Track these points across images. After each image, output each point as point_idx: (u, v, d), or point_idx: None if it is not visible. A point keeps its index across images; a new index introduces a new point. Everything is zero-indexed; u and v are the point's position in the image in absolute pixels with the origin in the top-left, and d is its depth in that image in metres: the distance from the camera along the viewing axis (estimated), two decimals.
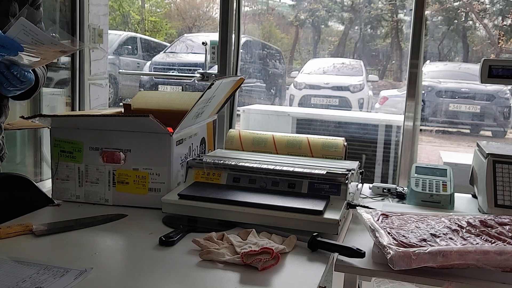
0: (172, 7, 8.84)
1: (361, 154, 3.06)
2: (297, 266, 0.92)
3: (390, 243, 0.91)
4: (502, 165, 1.30)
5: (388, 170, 3.03)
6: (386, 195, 1.46)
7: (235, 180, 1.21)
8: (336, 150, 1.44)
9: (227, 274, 0.87)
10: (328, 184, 1.16)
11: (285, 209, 1.07)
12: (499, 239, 0.95)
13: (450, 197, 1.33)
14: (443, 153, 3.79)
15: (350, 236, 1.09)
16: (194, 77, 2.94)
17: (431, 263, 0.86)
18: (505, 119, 5.71)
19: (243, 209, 1.09)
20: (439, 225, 1.02)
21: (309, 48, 7.08)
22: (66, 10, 3.07)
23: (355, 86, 5.70)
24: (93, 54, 3.20)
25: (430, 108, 5.71)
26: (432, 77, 5.84)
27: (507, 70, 1.40)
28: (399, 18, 6.53)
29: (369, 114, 5.13)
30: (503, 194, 1.26)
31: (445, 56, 6.77)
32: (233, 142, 1.53)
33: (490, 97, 5.60)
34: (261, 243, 0.94)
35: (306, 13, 6.86)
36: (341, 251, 0.95)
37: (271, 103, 5.91)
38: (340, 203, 1.11)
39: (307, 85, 5.76)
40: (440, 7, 6.27)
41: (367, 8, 6.60)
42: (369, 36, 6.86)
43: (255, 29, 6.20)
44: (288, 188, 1.17)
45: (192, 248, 0.96)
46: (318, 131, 3.31)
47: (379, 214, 1.06)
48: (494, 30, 6.41)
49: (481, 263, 0.86)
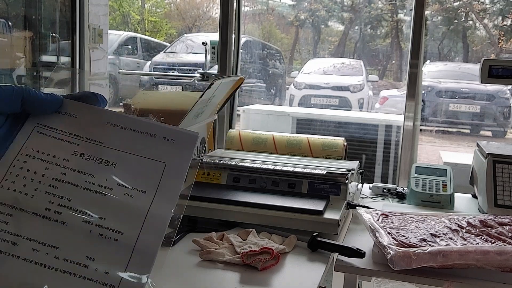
0: (172, 7, 8.83)
1: (361, 154, 3.06)
2: (297, 266, 0.92)
3: (390, 243, 0.91)
4: (502, 165, 1.30)
5: (388, 170, 3.03)
6: (386, 195, 1.46)
7: (235, 180, 1.21)
8: (336, 150, 1.44)
9: (227, 274, 0.87)
10: (328, 184, 1.16)
11: (285, 209, 1.07)
12: (499, 239, 0.95)
13: (450, 197, 1.33)
14: (443, 153, 3.79)
15: (350, 236, 1.09)
16: (194, 77, 2.94)
17: (431, 263, 0.86)
18: (505, 119, 5.71)
19: (243, 209, 1.09)
20: (439, 225, 1.02)
21: (309, 48, 7.08)
22: (66, 10, 3.07)
23: (355, 86, 5.70)
24: (93, 54, 3.20)
25: (430, 108, 5.71)
26: (432, 77, 5.84)
27: (507, 70, 1.40)
28: (399, 18, 6.53)
29: (369, 114, 5.13)
30: (503, 194, 1.26)
31: (445, 56, 6.77)
32: (233, 142, 1.53)
33: (490, 97, 5.60)
34: (261, 243, 0.94)
35: (306, 13, 6.86)
36: (341, 251, 0.95)
37: (271, 103, 5.91)
38: (340, 203, 1.11)
39: (307, 85, 5.76)
40: (440, 7, 6.27)
41: (367, 8, 6.60)
42: (369, 36, 6.86)
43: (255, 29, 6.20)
44: (288, 188, 1.17)
45: (192, 248, 0.96)
46: (318, 131, 3.30)
47: (379, 214, 1.06)
48: (494, 30, 6.41)
49: (481, 263, 0.86)
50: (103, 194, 0.49)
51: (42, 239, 0.46)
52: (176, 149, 0.54)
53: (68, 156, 0.51)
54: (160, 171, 0.52)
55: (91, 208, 0.48)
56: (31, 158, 0.50)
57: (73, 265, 0.45)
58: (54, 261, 0.45)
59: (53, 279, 0.44)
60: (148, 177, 0.51)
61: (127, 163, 0.52)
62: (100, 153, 0.52)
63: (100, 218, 0.48)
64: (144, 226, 0.48)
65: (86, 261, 0.45)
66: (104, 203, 0.49)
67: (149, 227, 0.48)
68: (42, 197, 0.48)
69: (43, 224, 0.46)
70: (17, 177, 0.49)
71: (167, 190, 0.51)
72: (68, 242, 0.46)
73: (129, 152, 0.53)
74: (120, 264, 0.46)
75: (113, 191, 0.49)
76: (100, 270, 0.45)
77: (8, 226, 0.46)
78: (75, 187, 0.49)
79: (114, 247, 0.46)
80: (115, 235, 0.47)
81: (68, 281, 0.44)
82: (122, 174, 0.51)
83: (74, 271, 0.45)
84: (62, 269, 0.45)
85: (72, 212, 0.47)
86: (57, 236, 0.46)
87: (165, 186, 0.51)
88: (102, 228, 0.47)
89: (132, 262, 0.46)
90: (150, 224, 0.48)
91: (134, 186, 0.50)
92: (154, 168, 0.52)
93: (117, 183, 0.50)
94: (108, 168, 0.51)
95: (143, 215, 0.48)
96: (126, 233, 0.47)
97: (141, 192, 0.50)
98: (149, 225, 0.48)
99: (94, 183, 0.50)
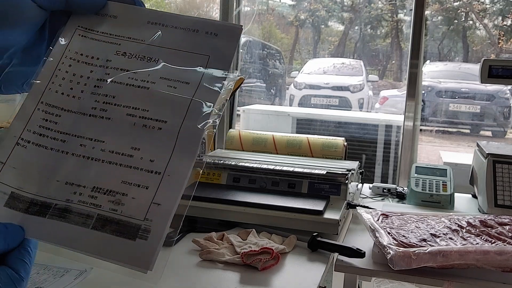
0: (172, 7, 8.84)
1: (361, 154, 3.06)
2: (297, 266, 0.92)
3: (390, 243, 0.91)
4: (502, 165, 1.30)
5: (388, 170, 3.02)
6: (386, 195, 1.46)
7: (235, 180, 1.21)
8: (336, 150, 1.44)
9: (227, 274, 0.87)
10: (328, 184, 1.16)
11: (285, 209, 1.07)
12: (499, 239, 0.95)
13: (450, 197, 1.33)
14: (443, 153, 3.79)
15: (350, 236, 1.09)
16: None
17: (431, 263, 0.86)
18: (505, 119, 5.70)
19: (243, 209, 1.09)
20: (439, 225, 1.02)
21: (309, 48, 7.07)
22: None
23: (355, 86, 5.69)
24: None
25: (430, 108, 5.71)
26: (432, 77, 5.83)
27: (507, 70, 1.40)
28: (399, 18, 6.53)
29: (369, 114, 5.12)
30: (503, 194, 1.26)
31: (445, 56, 6.77)
32: (233, 142, 1.53)
33: (490, 97, 5.60)
34: (261, 243, 0.94)
35: (306, 13, 6.86)
36: (341, 251, 0.95)
37: (271, 103, 5.90)
38: (340, 203, 1.11)
39: (307, 85, 5.76)
40: (440, 7, 6.27)
41: (367, 8, 6.60)
42: (369, 36, 6.86)
43: (255, 29, 6.20)
44: (288, 188, 1.17)
45: (192, 248, 0.96)
46: (318, 131, 3.30)
47: (379, 214, 1.06)
48: (494, 30, 6.41)
49: (481, 263, 0.86)
50: (146, 88, 0.50)
51: (88, 135, 0.48)
52: (219, 42, 0.53)
53: (111, 57, 0.52)
54: (204, 63, 0.52)
55: (135, 102, 0.49)
56: (76, 61, 0.51)
57: (119, 156, 0.47)
58: (101, 154, 0.47)
59: (99, 169, 0.46)
60: (192, 70, 0.52)
61: (169, 58, 0.52)
62: (142, 51, 0.52)
63: (144, 110, 0.49)
64: (188, 114, 0.48)
65: (131, 151, 0.47)
66: (147, 96, 0.49)
67: (191, 114, 0.49)
68: (88, 97, 0.49)
69: (90, 122, 0.48)
70: (63, 80, 0.51)
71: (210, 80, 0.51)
72: (113, 135, 0.47)
73: (171, 47, 0.53)
74: (165, 151, 0.47)
75: (156, 85, 0.50)
76: (145, 158, 0.46)
77: (58, 126, 0.48)
78: (118, 85, 0.50)
79: (158, 135, 0.47)
80: (159, 124, 0.48)
81: (115, 171, 0.46)
82: (165, 68, 0.51)
83: (119, 161, 0.46)
84: (108, 160, 0.46)
85: (117, 107, 0.49)
86: (102, 131, 0.48)
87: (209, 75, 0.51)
88: (146, 119, 0.48)
89: (177, 149, 0.47)
90: (192, 112, 0.49)
91: (177, 79, 0.51)
92: (197, 61, 0.52)
93: (160, 77, 0.51)
94: (151, 64, 0.52)
95: (186, 104, 0.49)
96: (170, 121, 0.48)
97: (184, 83, 0.50)
98: (191, 112, 0.49)
99: (137, 78, 0.50)
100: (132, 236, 0.43)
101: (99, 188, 0.45)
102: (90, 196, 0.45)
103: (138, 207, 0.44)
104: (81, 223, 0.44)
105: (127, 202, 0.45)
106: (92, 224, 0.44)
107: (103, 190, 0.45)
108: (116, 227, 0.44)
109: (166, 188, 0.45)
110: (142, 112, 0.49)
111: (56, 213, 0.45)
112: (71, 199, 0.45)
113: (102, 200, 0.45)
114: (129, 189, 0.45)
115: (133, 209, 0.44)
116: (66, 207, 0.45)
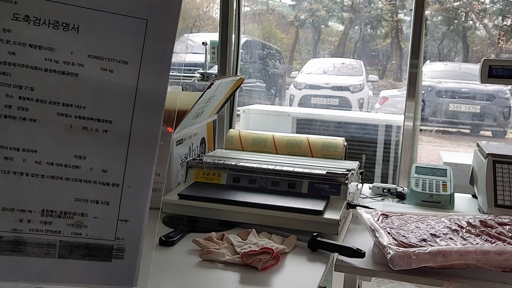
0: None
1: (361, 154, 3.06)
2: (297, 266, 0.92)
3: (390, 243, 0.91)
4: (502, 165, 1.30)
5: (388, 170, 3.02)
6: (386, 195, 1.46)
7: (235, 180, 1.21)
8: (336, 150, 1.44)
9: (227, 274, 0.87)
10: (328, 184, 1.16)
11: (285, 209, 1.07)
12: (499, 239, 0.95)
13: (450, 197, 1.33)
14: (443, 153, 3.79)
15: (350, 236, 1.09)
16: (194, 77, 2.94)
17: (431, 263, 0.86)
18: (505, 119, 5.70)
19: (243, 209, 1.09)
20: (439, 225, 1.02)
21: (309, 48, 7.07)
22: None
23: (355, 86, 5.69)
24: None
25: (430, 108, 5.70)
26: (432, 77, 5.83)
27: (507, 70, 1.40)
28: (399, 18, 6.52)
29: (369, 114, 5.12)
30: (503, 194, 1.26)
31: (445, 56, 6.77)
32: (233, 142, 1.53)
33: (490, 97, 5.59)
34: (261, 243, 0.94)
35: (306, 13, 6.85)
36: (341, 251, 0.95)
37: (271, 103, 5.90)
38: (340, 203, 1.11)
39: (307, 85, 5.76)
40: (440, 7, 6.27)
41: (367, 8, 6.60)
42: (369, 36, 6.86)
43: (255, 29, 6.20)
44: (288, 188, 1.17)
45: (192, 248, 0.96)
46: (318, 131, 3.30)
47: (379, 214, 1.06)
48: (494, 30, 6.41)
49: (481, 263, 0.86)
50: (73, 75, 0.38)
51: (12, 144, 0.37)
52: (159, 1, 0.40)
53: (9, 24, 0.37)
54: (141, 31, 0.39)
55: (64, 96, 0.37)
56: None
57: (61, 168, 0.37)
58: (37, 167, 0.37)
59: (42, 188, 0.36)
60: (127, 41, 0.39)
61: (94, 24, 0.38)
62: (54, 13, 0.37)
63: (79, 107, 0.38)
64: (136, 108, 0.38)
65: (75, 161, 0.37)
66: (78, 87, 0.38)
67: (142, 109, 0.38)
68: None
69: (7, 125, 0.37)
70: None
71: (155, 56, 0.40)
72: (46, 142, 0.37)
73: (95, 8, 0.38)
74: (117, 158, 0.38)
75: (86, 68, 0.38)
76: (96, 168, 0.38)
77: None
78: (33, 71, 0.37)
79: (105, 139, 0.38)
80: (103, 126, 0.38)
81: (63, 187, 0.37)
82: (90, 40, 0.38)
83: (65, 175, 0.37)
84: (50, 175, 0.37)
85: (41, 104, 0.37)
86: (30, 138, 0.37)
87: (152, 51, 0.39)
88: (84, 120, 0.38)
89: (131, 153, 0.38)
90: (143, 105, 0.38)
91: (111, 56, 0.38)
92: (132, 28, 0.39)
93: (88, 55, 0.38)
94: (70, 34, 0.37)
95: (131, 94, 0.38)
96: (116, 120, 0.38)
97: (122, 63, 0.39)
98: (141, 106, 0.38)
99: (58, 59, 0.37)
100: (106, 258, 0.39)
101: (50, 211, 0.37)
102: (42, 222, 0.37)
103: (104, 227, 0.39)
104: (43, 254, 0.37)
105: (90, 223, 0.39)
106: (58, 253, 0.38)
107: (56, 212, 0.38)
108: (85, 252, 0.38)
109: (129, 201, 0.40)
110: (77, 110, 0.38)
111: (6, 247, 0.37)
112: (19, 228, 0.37)
113: (59, 224, 0.38)
114: (87, 208, 0.38)
115: (99, 230, 0.39)
116: (17, 238, 0.37)
